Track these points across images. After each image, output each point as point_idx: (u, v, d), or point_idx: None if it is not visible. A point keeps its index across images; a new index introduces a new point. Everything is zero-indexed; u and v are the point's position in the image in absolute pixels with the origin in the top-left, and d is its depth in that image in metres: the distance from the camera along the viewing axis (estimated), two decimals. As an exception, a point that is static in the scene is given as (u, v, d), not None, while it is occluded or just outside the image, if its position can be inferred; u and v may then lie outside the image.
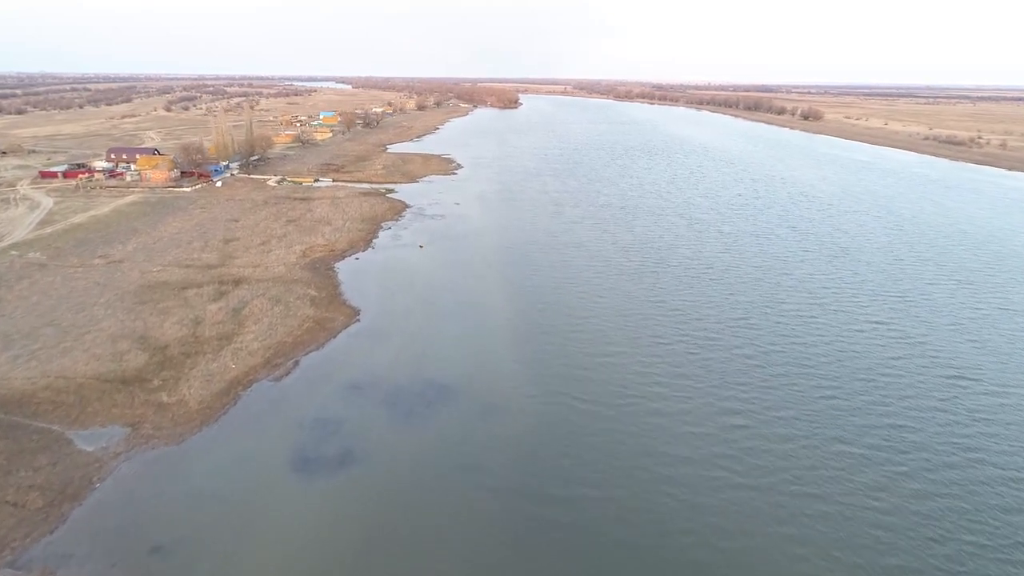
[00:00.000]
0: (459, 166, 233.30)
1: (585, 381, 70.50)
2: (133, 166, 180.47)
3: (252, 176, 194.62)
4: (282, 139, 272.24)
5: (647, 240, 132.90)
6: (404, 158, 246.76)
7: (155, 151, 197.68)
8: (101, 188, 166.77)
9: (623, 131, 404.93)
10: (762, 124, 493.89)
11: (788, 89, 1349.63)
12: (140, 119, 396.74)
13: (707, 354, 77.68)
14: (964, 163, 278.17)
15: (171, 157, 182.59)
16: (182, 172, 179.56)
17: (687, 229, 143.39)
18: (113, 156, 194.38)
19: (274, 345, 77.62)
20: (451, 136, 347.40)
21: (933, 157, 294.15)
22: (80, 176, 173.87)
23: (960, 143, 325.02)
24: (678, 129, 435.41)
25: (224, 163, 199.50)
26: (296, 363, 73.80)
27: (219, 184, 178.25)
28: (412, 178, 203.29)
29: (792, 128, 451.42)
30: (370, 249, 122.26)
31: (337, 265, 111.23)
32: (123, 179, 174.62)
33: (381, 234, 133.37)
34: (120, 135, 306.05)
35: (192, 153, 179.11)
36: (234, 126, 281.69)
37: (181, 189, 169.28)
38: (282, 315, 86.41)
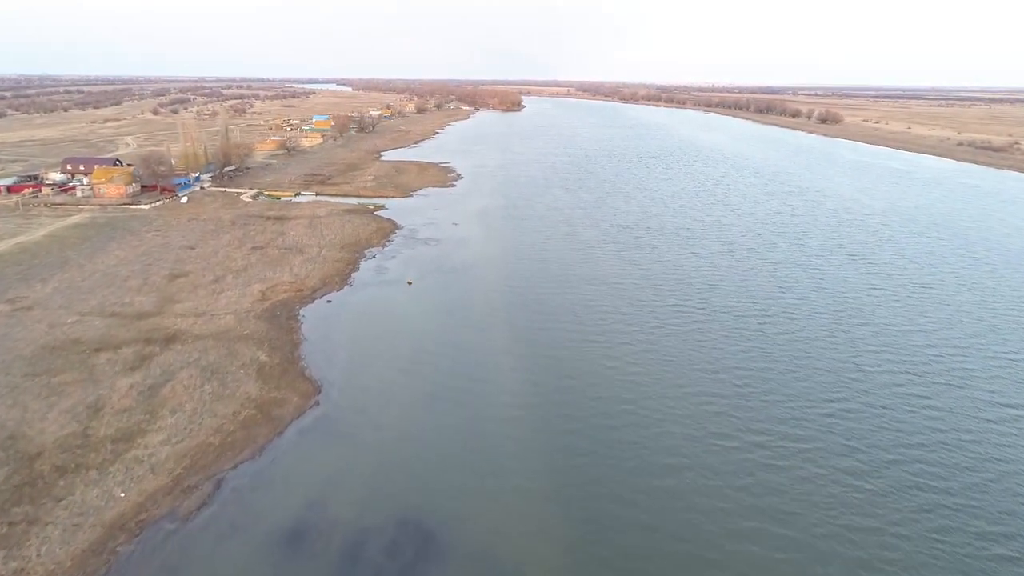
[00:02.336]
0: (458, 177, 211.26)
1: (635, 536, 48.02)
2: (86, 179, 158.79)
3: (225, 189, 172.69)
4: (267, 146, 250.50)
5: (682, 273, 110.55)
6: (398, 167, 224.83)
7: (116, 161, 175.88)
8: (46, 205, 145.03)
9: (633, 136, 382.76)
10: (778, 128, 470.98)
11: (794, 91, 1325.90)
12: (122, 123, 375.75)
13: (801, 480, 54.55)
14: (1008, 171, 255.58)
15: (131, 169, 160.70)
16: (142, 186, 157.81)
17: (727, 258, 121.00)
18: (69, 167, 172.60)
19: (192, 451, 55.41)
20: (451, 141, 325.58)
21: (973, 165, 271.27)
22: (24, 191, 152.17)
23: (999, 149, 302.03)
24: (690, 133, 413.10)
25: (195, 175, 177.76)
26: (217, 485, 51.60)
27: (184, 200, 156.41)
28: (405, 191, 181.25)
29: (811, 132, 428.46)
30: (347, 287, 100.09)
31: (303, 312, 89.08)
32: (74, 195, 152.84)
33: (362, 265, 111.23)
34: (95, 141, 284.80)
35: (153, 164, 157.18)
36: (216, 132, 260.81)
37: (139, 207, 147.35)
38: (214, 396, 64.26)
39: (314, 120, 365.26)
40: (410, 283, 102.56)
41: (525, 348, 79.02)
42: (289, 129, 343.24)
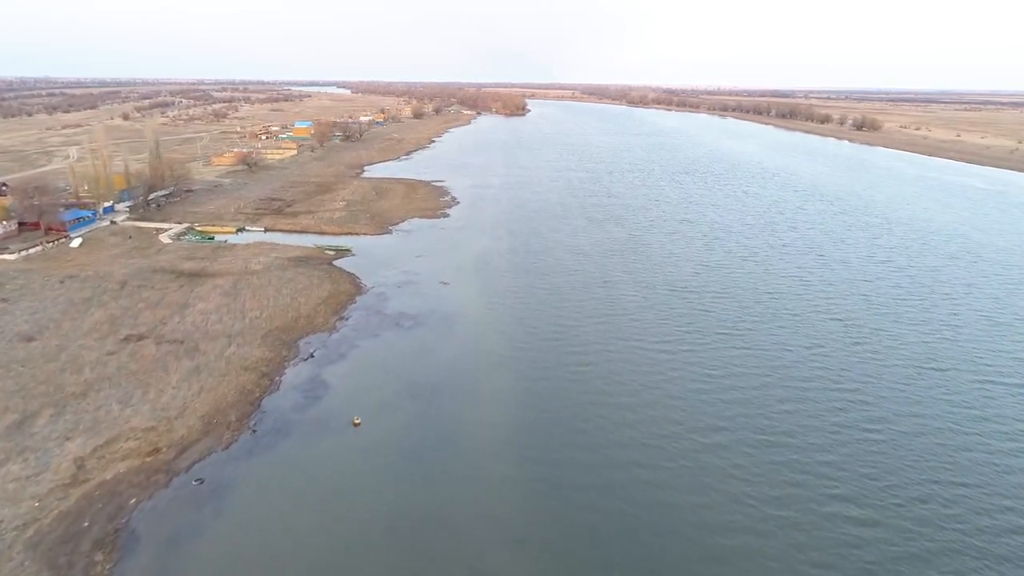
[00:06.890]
0: (454, 201, 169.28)
1: None
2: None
3: (142, 224, 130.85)
4: (224, 160, 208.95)
5: (802, 395, 67.94)
6: (381, 188, 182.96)
7: (2, 187, 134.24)
8: None
9: (654, 145, 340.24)
10: (811, 136, 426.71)
11: (806, 94, 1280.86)
12: (81, 130, 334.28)
13: None
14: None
15: (6, 202, 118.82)
16: (20, 223, 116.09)
17: (855, 354, 78.45)
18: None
19: None
20: (448, 151, 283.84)
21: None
22: None
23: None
24: (716, 142, 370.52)
25: (107, 204, 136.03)
26: None
27: (77, 243, 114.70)
28: (383, 225, 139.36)
29: (851, 140, 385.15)
30: (245, 436, 57.81)
31: (137, 516, 46.86)
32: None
33: (286, 377, 69.03)
34: (31, 152, 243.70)
35: (33, 195, 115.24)
36: (184, 140, 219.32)
37: (1, 256, 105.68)
38: None
39: (295, 127, 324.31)
40: (357, 424, 60.32)
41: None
42: (265, 137, 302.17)
